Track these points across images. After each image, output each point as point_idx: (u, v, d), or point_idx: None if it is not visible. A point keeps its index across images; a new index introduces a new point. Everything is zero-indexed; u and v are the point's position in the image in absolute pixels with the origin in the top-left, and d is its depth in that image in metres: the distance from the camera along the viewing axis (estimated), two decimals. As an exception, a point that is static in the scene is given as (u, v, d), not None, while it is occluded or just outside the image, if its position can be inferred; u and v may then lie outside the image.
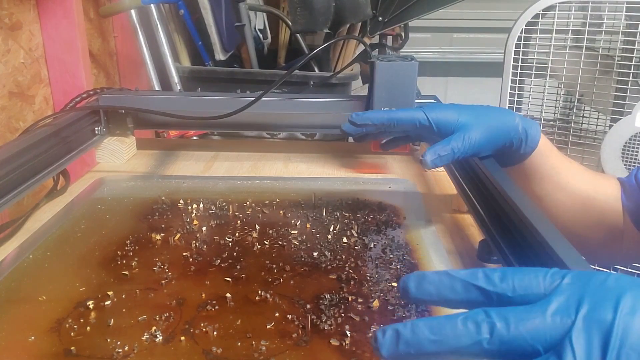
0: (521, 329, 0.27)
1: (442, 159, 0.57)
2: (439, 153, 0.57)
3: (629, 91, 1.02)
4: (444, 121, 0.59)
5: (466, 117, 0.59)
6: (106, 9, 1.16)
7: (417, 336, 0.28)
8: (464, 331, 0.28)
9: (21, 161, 0.65)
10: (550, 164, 0.63)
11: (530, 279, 0.29)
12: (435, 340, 0.28)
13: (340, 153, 0.97)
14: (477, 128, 0.58)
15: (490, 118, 0.60)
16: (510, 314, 0.28)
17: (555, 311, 0.27)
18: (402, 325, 0.29)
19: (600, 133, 1.09)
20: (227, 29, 1.30)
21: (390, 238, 0.63)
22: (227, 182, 0.80)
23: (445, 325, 0.28)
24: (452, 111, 0.60)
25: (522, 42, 1.09)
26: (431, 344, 0.28)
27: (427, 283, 0.31)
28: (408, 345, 0.28)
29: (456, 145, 0.57)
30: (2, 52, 0.85)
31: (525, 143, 0.61)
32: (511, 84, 1.13)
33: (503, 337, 0.27)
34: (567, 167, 0.65)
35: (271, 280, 0.54)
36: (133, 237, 0.62)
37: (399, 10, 1.35)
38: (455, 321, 0.28)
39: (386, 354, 0.29)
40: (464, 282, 0.30)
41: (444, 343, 0.28)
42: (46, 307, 0.49)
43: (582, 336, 0.26)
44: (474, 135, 0.58)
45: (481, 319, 0.28)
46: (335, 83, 1.31)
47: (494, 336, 0.27)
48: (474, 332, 0.28)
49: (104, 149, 0.89)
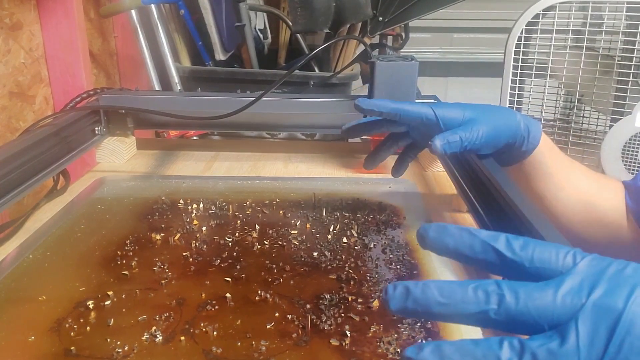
0: (529, 305, 0.27)
1: (451, 146, 0.56)
2: (447, 139, 0.56)
3: (629, 91, 1.02)
4: (450, 118, 0.59)
5: (471, 114, 0.59)
6: (106, 9, 1.15)
7: (426, 296, 0.29)
8: (473, 298, 0.28)
9: (21, 161, 0.65)
10: (551, 163, 0.63)
11: (550, 254, 0.29)
12: (443, 303, 0.28)
13: (340, 153, 0.97)
14: (482, 124, 0.58)
15: (494, 116, 0.60)
16: (521, 289, 0.28)
17: (567, 292, 0.27)
18: (413, 284, 0.29)
19: (600, 133, 1.09)
20: (227, 29, 1.30)
21: (390, 238, 0.63)
22: (227, 182, 0.80)
23: (456, 290, 0.28)
24: (458, 109, 0.60)
25: (523, 42, 1.09)
26: (438, 306, 0.28)
27: (447, 235, 0.31)
28: (416, 303, 0.29)
29: (464, 134, 0.57)
30: (2, 52, 0.85)
31: (527, 141, 0.61)
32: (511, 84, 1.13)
33: (510, 310, 0.27)
34: (568, 167, 0.65)
35: (271, 280, 0.54)
36: (133, 237, 0.62)
37: (400, 11, 1.34)
38: (466, 287, 0.28)
39: (394, 307, 0.30)
40: (483, 243, 0.30)
41: (452, 307, 0.28)
42: (46, 307, 0.49)
43: (589, 320, 0.26)
44: (480, 129, 0.58)
45: (492, 289, 0.28)
46: (335, 83, 1.31)
47: (501, 308, 0.27)
48: (483, 301, 0.28)
49: (104, 149, 0.89)
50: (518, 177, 0.64)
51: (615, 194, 0.66)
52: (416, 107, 0.61)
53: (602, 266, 0.28)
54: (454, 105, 0.61)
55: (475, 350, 0.27)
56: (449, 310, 0.28)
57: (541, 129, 0.62)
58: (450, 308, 0.28)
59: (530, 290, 0.28)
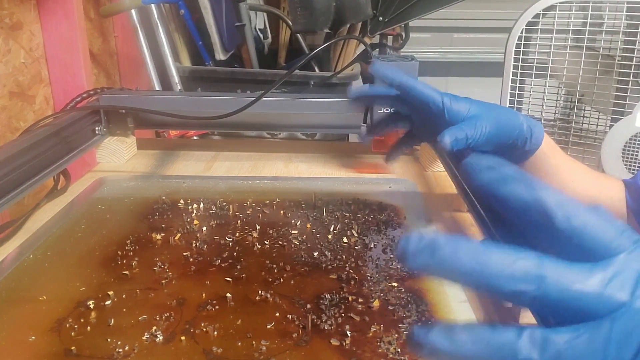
0: (569, 293, 0.24)
1: (459, 142, 0.56)
2: (456, 135, 0.56)
3: (629, 91, 1.02)
4: (456, 110, 0.59)
5: (476, 110, 0.59)
6: (106, 8, 1.15)
7: (458, 259, 0.25)
8: (509, 275, 0.24)
9: (21, 161, 0.65)
10: (552, 164, 0.63)
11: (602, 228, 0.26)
12: (474, 272, 0.25)
13: (341, 153, 0.97)
14: (486, 120, 0.58)
15: (498, 114, 0.60)
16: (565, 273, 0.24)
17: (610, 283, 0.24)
18: (443, 240, 0.25)
19: (600, 133, 1.09)
20: (227, 28, 1.30)
21: (391, 238, 0.63)
22: (227, 182, 0.80)
23: (492, 258, 0.25)
24: (465, 102, 0.59)
25: (523, 42, 1.09)
26: (467, 274, 0.25)
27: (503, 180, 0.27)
28: (442, 264, 0.25)
29: (470, 131, 0.57)
30: (2, 52, 0.85)
31: (529, 142, 0.61)
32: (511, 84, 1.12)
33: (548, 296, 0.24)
34: (569, 167, 0.65)
35: (271, 280, 0.54)
36: (133, 237, 0.62)
37: (400, 10, 1.34)
38: (504, 257, 0.25)
39: (415, 263, 0.25)
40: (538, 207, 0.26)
41: (483, 278, 0.25)
42: (46, 307, 0.49)
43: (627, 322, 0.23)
44: (485, 125, 0.58)
45: (532, 266, 0.24)
46: (335, 83, 1.31)
47: (538, 291, 0.24)
48: (520, 279, 0.24)
49: (105, 148, 0.89)
50: None
51: (615, 193, 0.66)
52: (426, 88, 0.59)
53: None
54: (461, 99, 0.60)
55: (491, 338, 0.24)
56: (479, 281, 0.25)
57: (543, 130, 0.62)
58: (481, 279, 0.25)
59: (575, 276, 0.24)
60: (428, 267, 0.25)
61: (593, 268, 0.25)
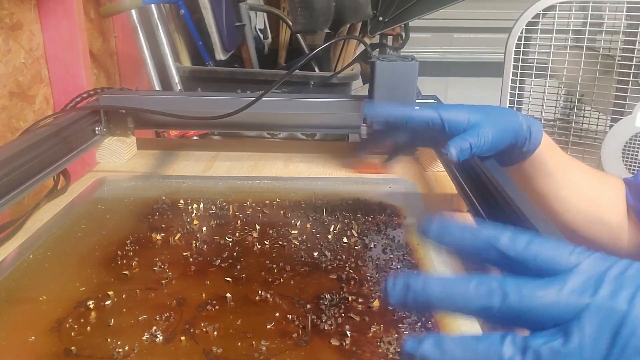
0: (533, 303, 0.27)
1: (464, 153, 0.57)
2: (460, 146, 0.56)
3: (629, 91, 1.02)
4: (456, 121, 0.59)
5: (477, 117, 0.59)
6: (107, 8, 1.15)
7: (427, 292, 0.29)
8: (475, 295, 0.28)
9: (21, 161, 0.65)
10: (552, 162, 0.63)
11: (554, 252, 0.29)
12: (443, 298, 0.28)
13: (340, 153, 0.97)
14: (488, 128, 0.58)
15: (498, 118, 0.60)
16: (525, 287, 0.27)
17: (571, 290, 0.27)
18: (413, 280, 0.29)
19: (600, 133, 1.09)
20: (227, 28, 1.30)
21: (391, 238, 0.63)
22: (227, 182, 0.80)
23: (457, 285, 0.28)
24: (463, 111, 0.59)
25: (523, 42, 1.09)
26: (439, 302, 0.28)
27: (448, 232, 0.31)
28: (416, 298, 0.29)
29: (473, 141, 0.57)
30: (2, 52, 0.85)
31: (528, 142, 0.61)
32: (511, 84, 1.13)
33: (513, 308, 0.27)
34: (569, 165, 0.65)
35: (271, 280, 0.54)
36: (133, 237, 0.62)
37: (400, 10, 1.34)
38: (467, 284, 0.28)
39: (394, 303, 0.30)
40: (486, 243, 0.30)
41: (452, 302, 0.28)
42: (46, 307, 0.49)
43: (593, 320, 0.26)
44: (487, 132, 0.58)
45: (495, 285, 0.28)
46: (335, 83, 1.31)
47: (504, 305, 0.27)
48: (485, 298, 0.28)
49: (105, 149, 0.89)
50: (519, 176, 0.64)
51: (616, 192, 0.66)
52: (421, 112, 0.60)
53: (606, 265, 0.28)
54: (458, 108, 0.60)
55: (477, 346, 0.27)
56: (451, 305, 0.28)
57: (542, 129, 0.62)
58: (452, 304, 0.28)
59: (534, 287, 0.27)
60: (406, 305, 0.29)
61: (552, 280, 0.28)
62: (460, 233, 0.31)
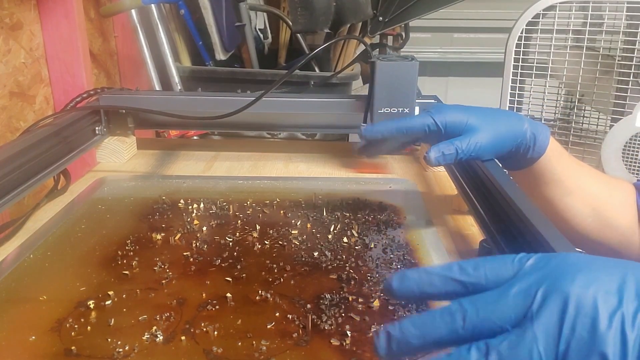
0: (489, 312, 0.29)
1: (446, 158, 0.57)
2: (442, 151, 0.57)
3: (629, 91, 1.02)
4: (452, 124, 0.59)
5: (474, 120, 0.58)
6: (107, 8, 1.15)
7: (404, 334, 0.31)
8: (442, 322, 0.30)
9: (22, 161, 0.65)
10: (559, 169, 0.62)
11: (499, 265, 0.31)
12: (419, 335, 0.30)
13: (341, 153, 0.97)
14: (484, 132, 0.58)
15: (499, 123, 0.59)
16: (479, 300, 0.30)
17: (517, 292, 0.29)
18: (392, 327, 0.31)
19: (600, 133, 1.09)
20: (227, 28, 1.30)
21: (391, 238, 0.63)
22: (227, 182, 0.80)
23: (426, 319, 0.31)
24: (461, 113, 0.59)
25: (523, 42, 1.09)
26: (417, 339, 0.30)
27: (408, 280, 0.33)
28: (399, 344, 0.31)
29: (460, 145, 0.57)
30: (2, 52, 0.85)
31: (532, 150, 0.60)
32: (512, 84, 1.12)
33: (474, 322, 0.29)
34: (577, 172, 0.64)
35: (271, 280, 0.54)
36: (133, 237, 0.62)
37: (400, 10, 1.34)
38: (433, 314, 0.31)
39: (383, 354, 0.31)
40: (441, 276, 0.32)
41: (427, 336, 0.30)
42: (47, 307, 0.49)
43: (541, 310, 0.28)
44: (479, 139, 0.57)
45: (455, 308, 0.30)
46: (335, 83, 1.31)
47: (467, 322, 0.30)
48: (450, 322, 0.30)
49: (105, 148, 0.89)
50: (524, 181, 0.64)
51: (625, 197, 0.65)
52: (417, 120, 0.60)
53: (545, 261, 0.30)
54: (456, 110, 0.60)
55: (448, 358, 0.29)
56: (426, 340, 0.30)
57: (550, 135, 0.61)
58: (426, 338, 0.30)
59: (487, 298, 0.30)
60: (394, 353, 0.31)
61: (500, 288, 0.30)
62: (418, 275, 0.33)
